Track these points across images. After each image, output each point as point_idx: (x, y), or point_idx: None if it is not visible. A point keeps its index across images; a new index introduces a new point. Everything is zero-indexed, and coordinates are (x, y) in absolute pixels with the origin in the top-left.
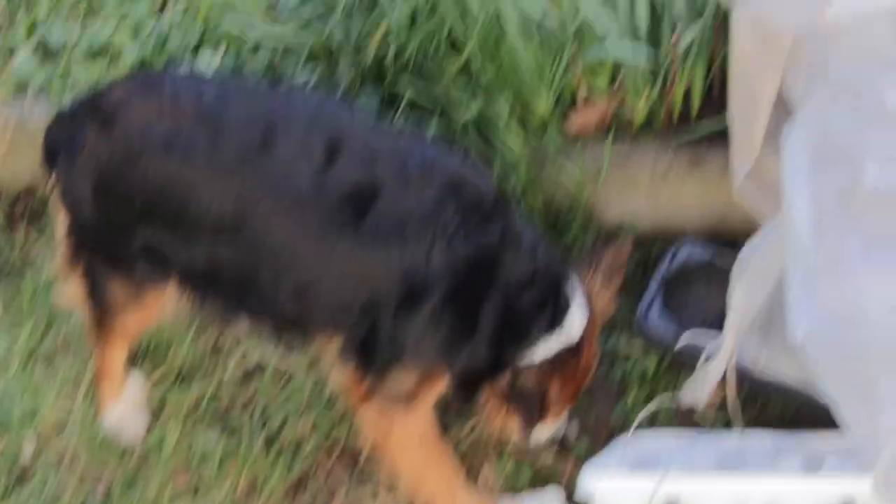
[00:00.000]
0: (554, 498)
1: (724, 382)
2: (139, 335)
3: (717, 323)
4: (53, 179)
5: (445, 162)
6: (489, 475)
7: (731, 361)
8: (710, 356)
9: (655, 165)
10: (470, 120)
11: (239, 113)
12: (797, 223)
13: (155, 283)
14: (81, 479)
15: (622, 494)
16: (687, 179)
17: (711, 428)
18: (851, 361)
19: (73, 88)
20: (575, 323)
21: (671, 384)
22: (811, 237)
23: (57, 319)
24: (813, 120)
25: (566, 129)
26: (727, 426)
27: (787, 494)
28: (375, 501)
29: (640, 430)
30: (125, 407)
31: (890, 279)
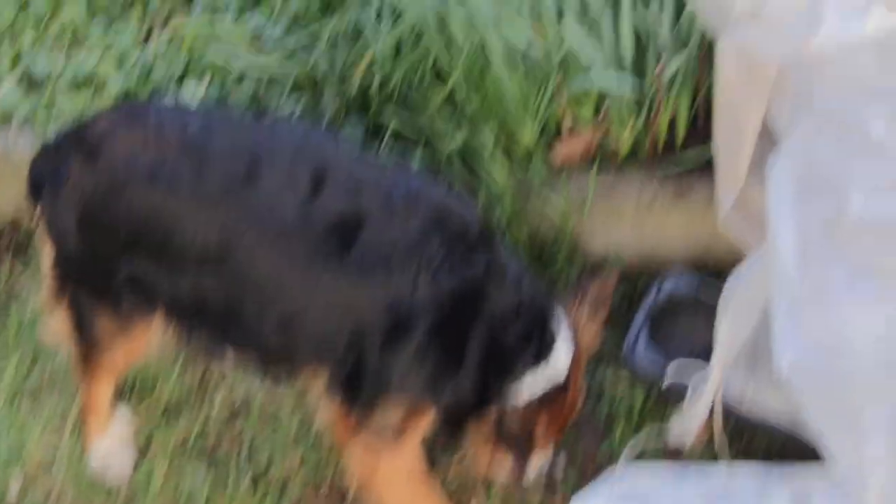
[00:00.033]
0: None
1: (710, 417)
2: (126, 370)
3: (703, 355)
4: (39, 211)
5: (430, 193)
6: None
7: (717, 396)
8: (696, 390)
9: (640, 196)
10: (455, 150)
11: (224, 144)
12: (782, 253)
13: (141, 315)
14: None
15: None
16: (672, 210)
17: (698, 462)
18: (836, 392)
19: (57, 119)
20: (561, 357)
21: (658, 418)
22: (796, 267)
23: (42, 355)
24: (798, 150)
25: (551, 159)
26: (714, 460)
27: None
28: None
29: (627, 464)
30: (112, 443)
31: (874, 309)
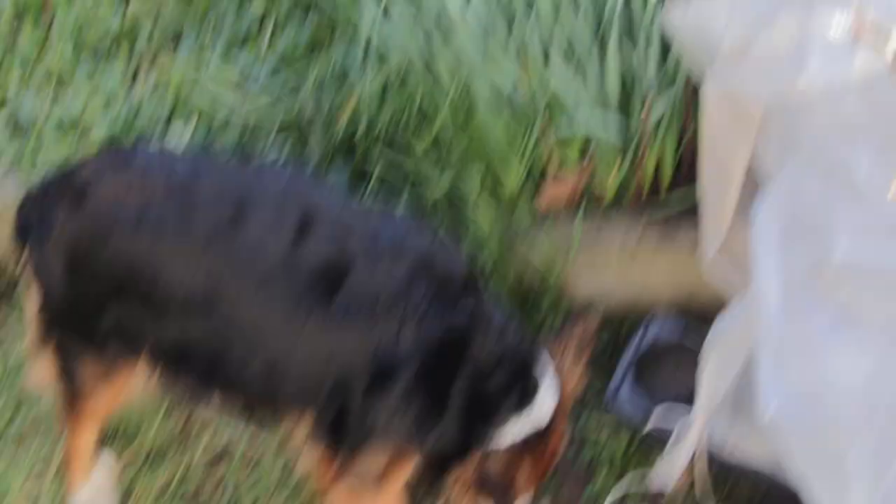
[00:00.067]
0: None
1: (693, 462)
2: (110, 415)
3: (688, 400)
4: (25, 256)
5: (416, 239)
6: None
7: (700, 441)
8: (679, 435)
9: (625, 241)
10: (440, 195)
11: (210, 189)
12: (766, 298)
13: (126, 360)
14: None
15: None
16: (657, 255)
17: None
18: (820, 438)
19: (43, 163)
20: (544, 403)
21: (642, 463)
22: (780, 313)
23: (27, 399)
24: (783, 193)
25: (536, 203)
26: None
27: None
28: None
29: None
30: (95, 488)
31: (858, 355)
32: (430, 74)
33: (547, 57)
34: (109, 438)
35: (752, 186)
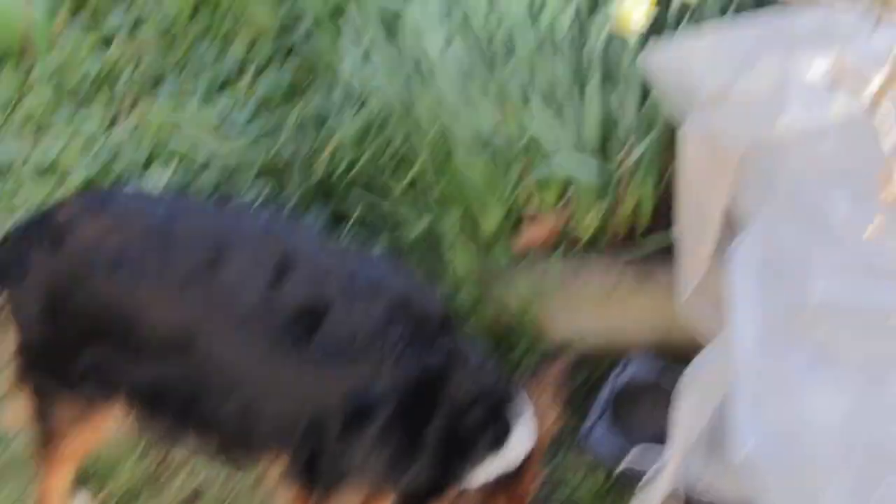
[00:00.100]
0: None
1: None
2: (85, 456)
3: (663, 440)
4: (3, 298)
5: (393, 280)
6: None
7: (675, 481)
8: (654, 476)
9: (603, 282)
10: (419, 236)
11: (188, 231)
12: (743, 339)
13: (103, 401)
14: None
15: None
16: (635, 296)
17: None
18: (796, 477)
19: (21, 205)
20: (519, 443)
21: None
22: (757, 353)
23: (2, 440)
24: (760, 235)
25: (514, 245)
26: None
27: None
28: None
29: None
30: None
31: (835, 393)
32: (409, 117)
33: (526, 100)
34: (84, 479)
35: (729, 229)
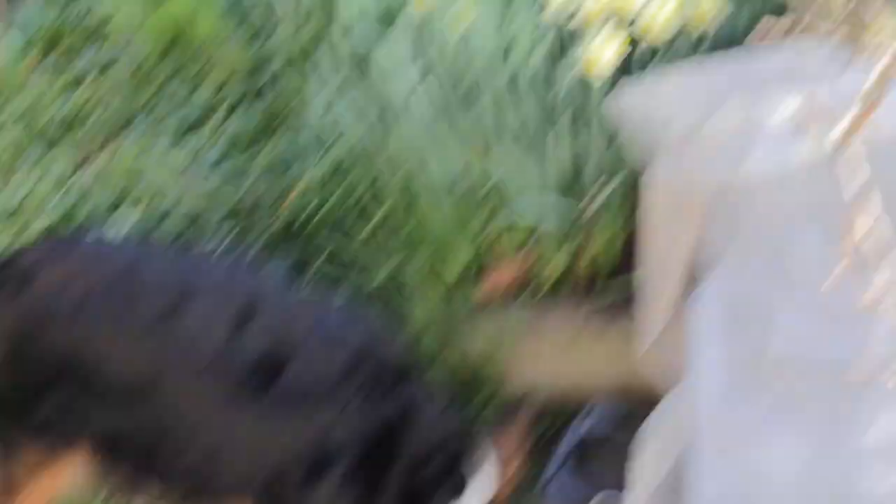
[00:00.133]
0: None
1: None
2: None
3: (623, 489)
4: None
5: (356, 328)
6: None
7: None
8: None
9: (566, 328)
10: (383, 281)
11: (152, 277)
12: (704, 388)
13: (66, 447)
14: None
15: None
16: (597, 343)
17: None
18: None
19: None
20: (481, 493)
21: None
22: (718, 402)
23: None
24: (724, 281)
25: (479, 290)
26: None
27: None
28: None
29: None
30: None
31: (797, 444)
32: (376, 161)
33: (494, 142)
34: None
35: (691, 277)
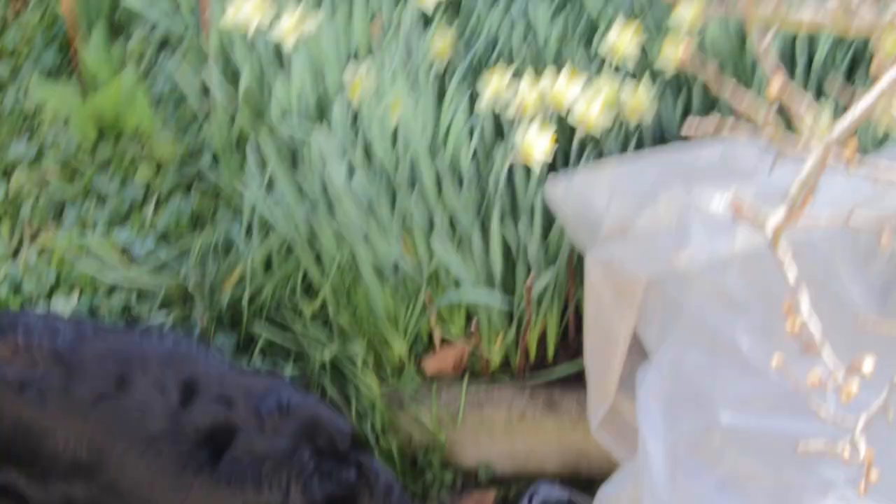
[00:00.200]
0: None
1: None
2: None
3: None
4: None
5: (301, 404)
6: None
7: None
8: None
9: (511, 407)
10: (326, 361)
11: (94, 353)
12: (652, 466)
13: None
14: None
15: None
16: (543, 421)
17: None
18: None
19: None
20: None
21: None
22: (665, 479)
23: None
24: (667, 363)
25: (423, 370)
26: None
27: None
28: None
29: None
30: None
31: None
32: (313, 247)
33: (430, 230)
34: None
35: (636, 355)
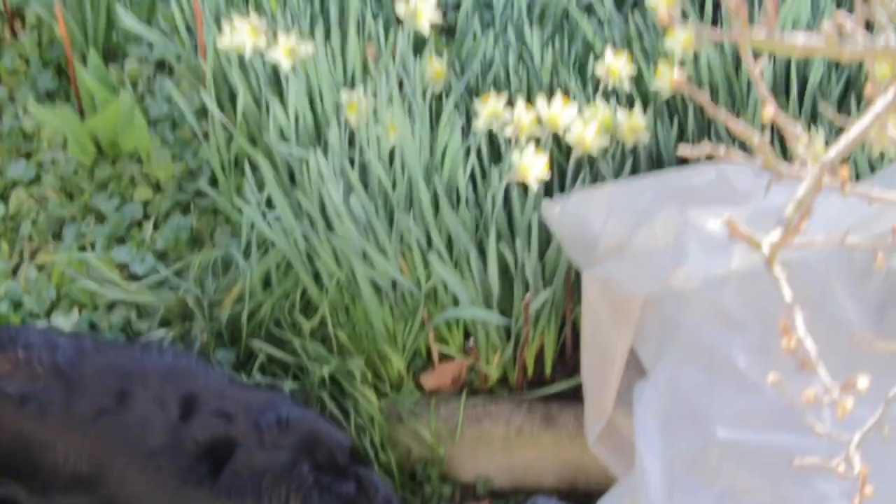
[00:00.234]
0: None
1: None
2: None
3: None
4: None
5: (301, 418)
6: None
7: None
8: None
9: (509, 422)
10: (325, 377)
11: (94, 368)
12: (649, 480)
13: None
14: None
15: None
16: (541, 436)
17: None
18: None
19: None
20: None
21: None
22: (663, 495)
23: None
24: (664, 380)
25: (422, 385)
26: None
27: None
28: None
29: None
30: None
31: None
32: (312, 265)
33: (428, 249)
34: None
35: (634, 371)
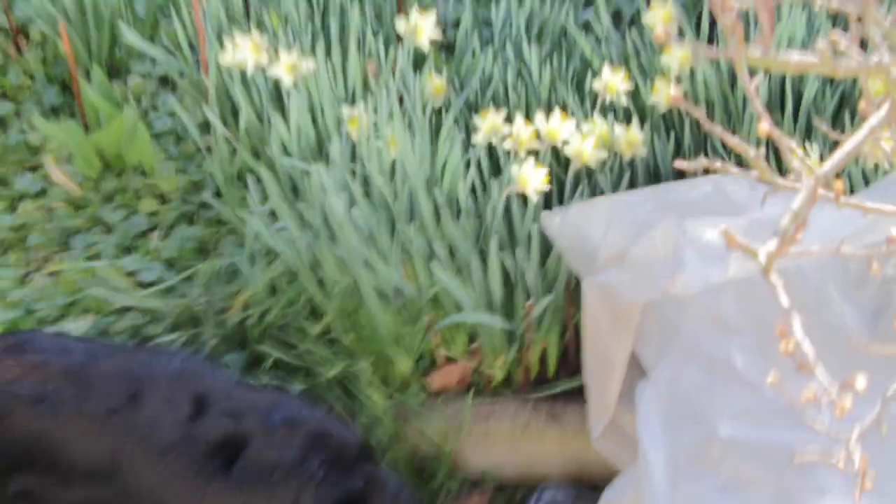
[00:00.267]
0: None
1: None
2: None
3: None
4: None
5: (309, 416)
6: None
7: None
8: None
9: (515, 419)
10: (333, 378)
11: (105, 371)
12: (653, 475)
13: None
14: None
15: None
16: (546, 431)
17: None
18: None
19: None
20: None
21: None
22: (666, 486)
23: None
24: (665, 380)
25: (427, 386)
26: None
27: None
28: None
29: None
30: None
31: None
32: (317, 272)
33: (430, 258)
34: None
35: (635, 371)
